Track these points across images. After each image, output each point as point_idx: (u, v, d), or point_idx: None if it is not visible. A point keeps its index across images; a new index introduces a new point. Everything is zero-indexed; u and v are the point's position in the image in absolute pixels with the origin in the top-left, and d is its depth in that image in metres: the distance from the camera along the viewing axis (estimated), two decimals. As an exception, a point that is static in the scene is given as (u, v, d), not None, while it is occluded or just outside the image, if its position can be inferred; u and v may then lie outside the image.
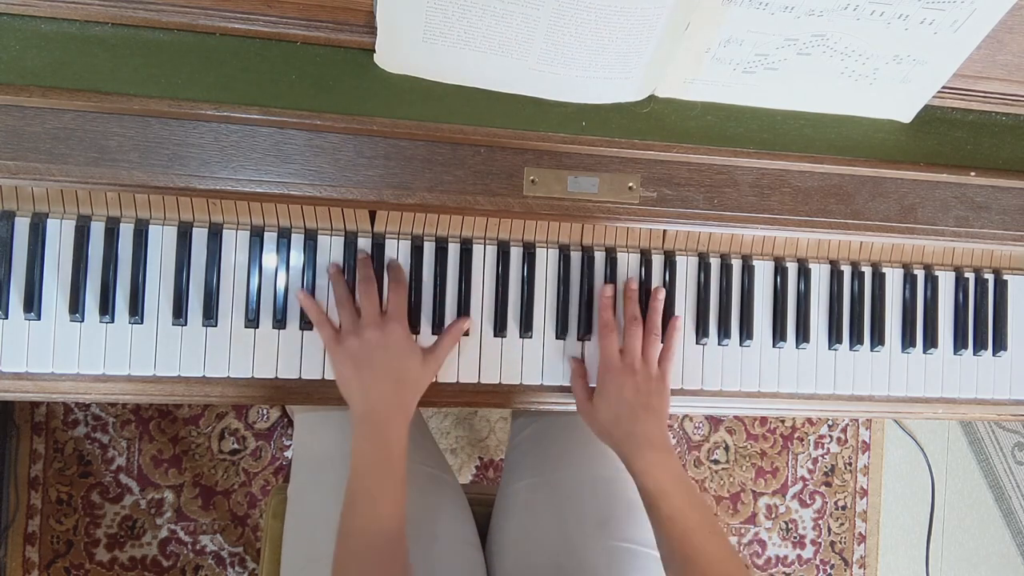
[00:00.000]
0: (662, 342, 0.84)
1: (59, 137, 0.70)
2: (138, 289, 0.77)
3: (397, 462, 0.72)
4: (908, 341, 0.93)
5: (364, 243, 0.82)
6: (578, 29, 0.68)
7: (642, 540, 0.85)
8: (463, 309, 0.83)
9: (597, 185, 0.79)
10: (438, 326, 0.83)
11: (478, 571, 0.86)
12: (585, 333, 0.86)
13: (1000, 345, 0.95)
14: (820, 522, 1.77)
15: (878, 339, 0.92)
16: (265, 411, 1.55)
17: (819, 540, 1.77)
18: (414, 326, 0.82)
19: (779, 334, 0.90)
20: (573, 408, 0.87)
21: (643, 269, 0.87)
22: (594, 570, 0.82)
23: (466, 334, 0.83)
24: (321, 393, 0.81)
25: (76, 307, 0.76)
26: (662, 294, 0.85)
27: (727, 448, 1.73)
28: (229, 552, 1.54)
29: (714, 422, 1.72)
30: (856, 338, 0.91)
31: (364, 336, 0.75)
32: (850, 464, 1.77)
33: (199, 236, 0.78)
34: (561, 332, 0.86)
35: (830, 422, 1.76)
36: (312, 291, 0.80)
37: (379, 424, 0.73)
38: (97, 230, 0.77)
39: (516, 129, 0.76)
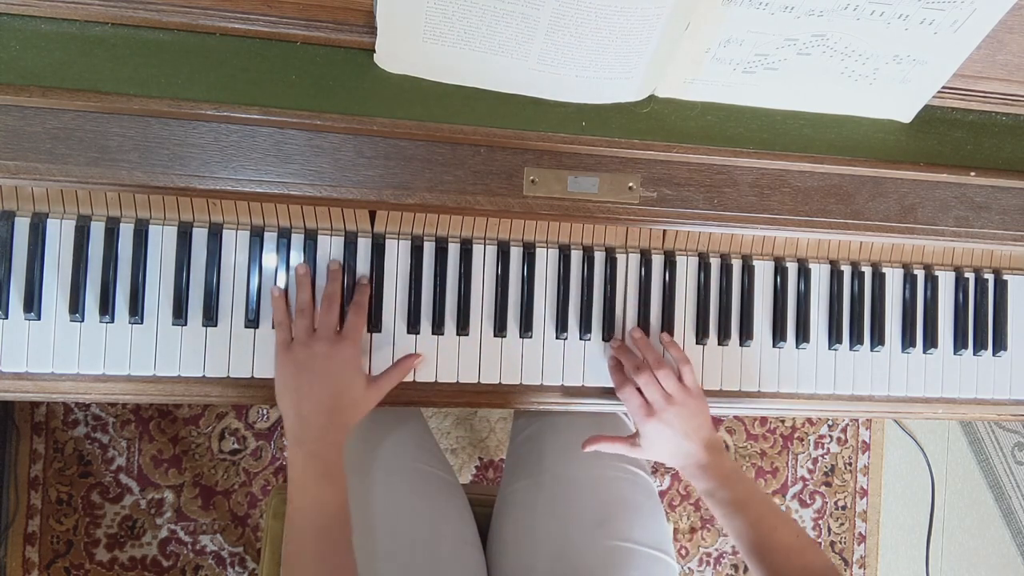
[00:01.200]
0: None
1: (59, 137, 0.70)
2: (138, 289, 0.77)
3: (337, 481, 0.72)
4: (908, 341, 0.93)
5: (364, 243, 0.82)
6: (578, 29, 0.68)
7: (642, 539, 0.85)
8: (463, 309, 0.83)
9: (597, 185, 0.79)
10: (438, 326, 0.83)
11: (479, 571, 0.86)
12: (585, 333, 0.86)
13: (1000, 345, 0.95)
14: (820, 522, 1.77)
15: (878, 339, 0.92)
16: (265, 411, 1.55)
17: (819, 540, 1.77)
18: (414, 326, 0.82)
19: (779, 334, 0.90)
20: (573, 408, 0.87)
21: (643, 269, 0.87)
22: (594, 569, 0.82)
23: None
24: (321, 393, 0.81)
25: (76, 307, 0.76)
26: (669, 338, 0.87)
27: (727, 448, 1.73)
28: (229, 552, 1.54)
29: (714, 422, 1.72)
30: (856, 338, 0.91)
31: (314, 348, 0.75)
32: (850, 464, 1.77)
33: (199, 236, 0.78)
34: (561, 332, 0.86)
35: (830, 422, 1.76)
36: (312, 292, 0.80)
37: (309, 442, 0.72)
38: (97, 230, 0.77)
39: (516, 129, 0.76)
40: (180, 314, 0.77)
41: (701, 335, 0.88)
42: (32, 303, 0.75)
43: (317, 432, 0.73)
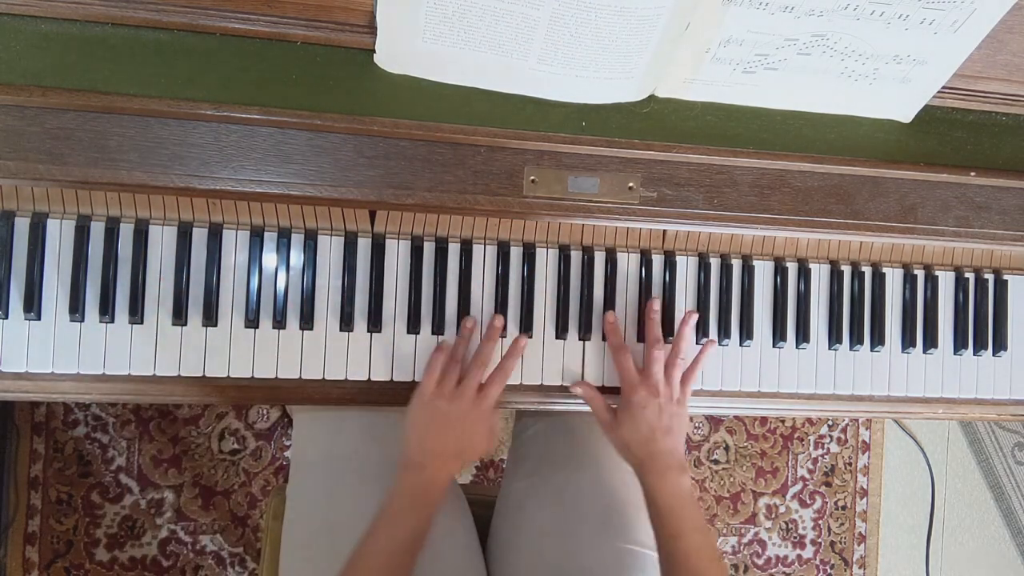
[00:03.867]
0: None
1: (59, 137, 0.70)
2: (138, 289, 0.77)
3: (430, 514, 0.76)
4: (908, 341, 0.93)
5: (364, 243, 0.82)
6: (578, 29, 0.68)
7: (645, 542, 0.85)
8: (463, 309, 0.83)
9: (597, 185, 0.79)
10: (438, 327, 0.83)
11: (477, 573, 0.86)
12: (585, 333, 0.86)
13: (1000, 345, 0.95)
14: (820, 522, 1.77)
15: (878, 339, 0.92)
16: (265, 411, 1.55)
17: (819, 540, 1.77)
18: (414, 326, 0.82)
19: (779, 334, 0.90)
20: (573, 408, 0.87)
21: (643, 269, 0.87)
22: (598, 572, 0.82)
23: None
24: (321, 393, 0.81)
25: (76, 307, 0.76)
26: (694, 319, 0.86)
27: (727, 448, 1.73)
28: (229, 552, 1.54)
29: (714, 422, 1.72)
30: (856, 338, 0.91)
31: (455, 405, 0.78)
32: (850, 464, 1.77)
33: (199, 236, 0.78)
34: (561, 332, 0.86)
35: (830, 422, 1.76)
36: (312, 291, 0.80)
37: (427, 471, 0.76)
38: (97, 230, 0.77)
39: (516, 129, 0.76)
40: (180, 314, 0.77)
41: (701, 335, 0.88)
42: (32, 303, 0.75)
43: (433, 471, 0.77)
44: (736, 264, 0.89)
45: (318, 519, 0.83)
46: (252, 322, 0.79)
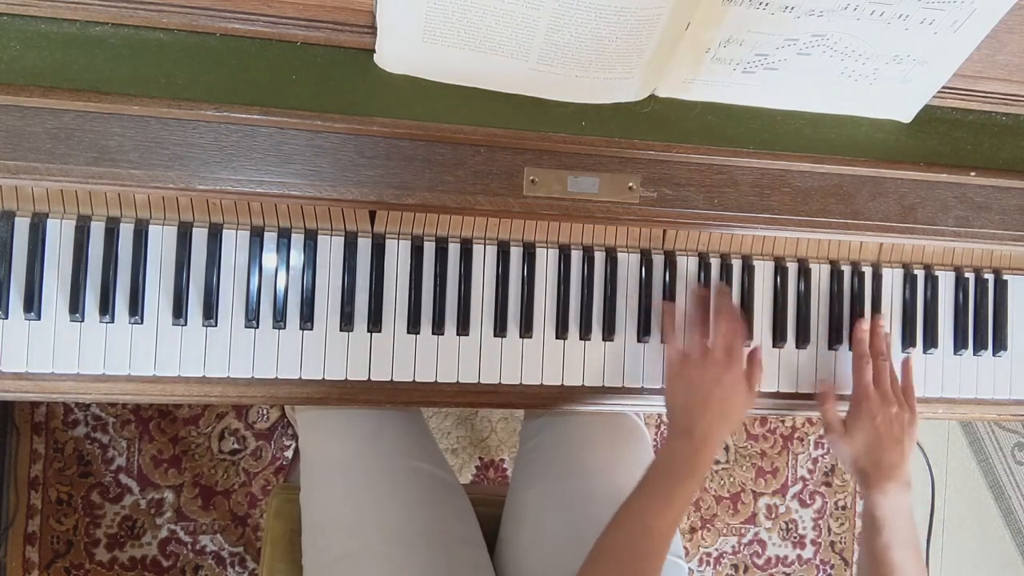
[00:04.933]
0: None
1: (59, 137, 0.70)
2: (138, 289, 0.77)
3: (702, 471, 0.76)
4: (908, 341, 0.93)
5: (364, 243, 0.82)
6: (578, 29, 0.68)
7: None
8: (463, 309, 0.83)
9: (597, 185, 0.79)
10: (438, 326, 0.83)
11: (482, 570, 0.86)
12: (585, 333, 0.86)
13: (1000, 345, 0.95)
14: (820, 522, 1.77)
15: (878, 339, 0.92)
16: (265, 411, 1.55)
17: (819, 540, 1.77)
18: (414, 326, 0.82)
19: (779, 334, 0.90)
20: (574, 408, 0.87)
21: (643, 269, 0.87)
22: None
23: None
24: (321, 393, 0.81)
25: (76, 307, 0.76)
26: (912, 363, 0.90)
27: (727, 448, 1.73)
28: (229, 552, 1.54)
29: (714, 422, 1.72)
30: (856, 338, 0.91)
31: (708, 370, 0.80)
32: (850, 464, 1.77)
33: (199, 236, 0.78)
34: (561, 332, 0.86)
35: (830, 422, 1.76)
36: (312, 291, 0.80)
37: (697, 435, 0.77)
38: (97, 230, 0.77)
39: (516, 129, 0.76)
40: (180, 314, 0.77)
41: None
42: (32, 303, 0.75)
43: (700, 435, 0.77)
44: (736, 264, 0.89)
45: (334, 518, 0.83)
46: (252, 322, 0.79)
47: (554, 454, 0.94)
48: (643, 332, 0.87)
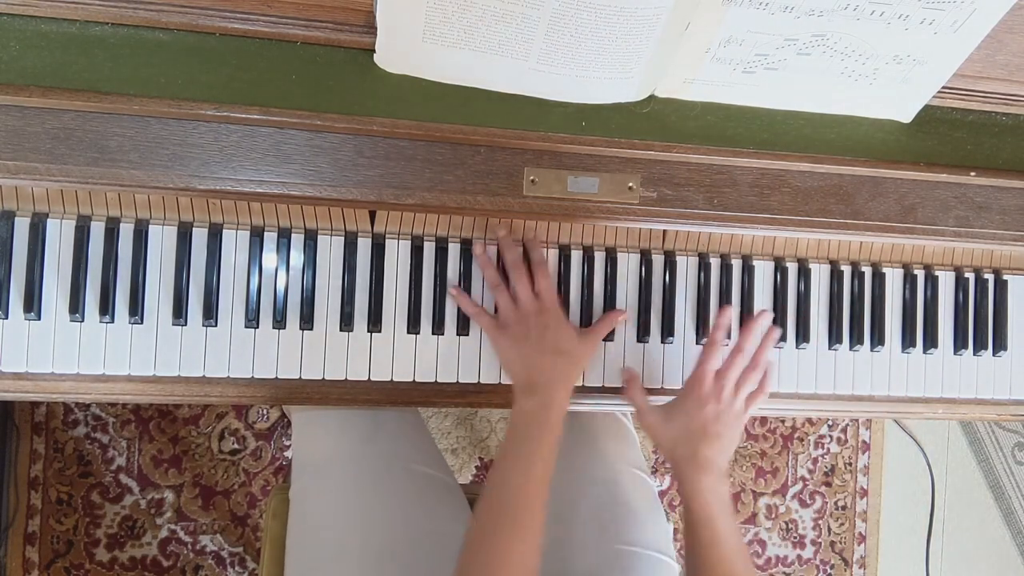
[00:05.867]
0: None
1: (59, 137, 0.70)
2: (138, 289, 0.77)
3: (555, 425, 0.75)
4: (908, 341, 0.93)
5: (364, 243, 0.82)
6: (578, 29, 0.68)
7: (644, 542, 0.84)
8: (463, 309, 0.83)
9: (597, 185, 0.79)
10: (438, 326, 0.83)
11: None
12: (585, 333, 0.86)
13: (1000, 345, 0.95)
14: (820, 522, 1.77)
15: (878, 339, 0.92)
16: (265, 411, 1.55)
17: (819, 540, 1.77)
18: (414, 326, 0.82)
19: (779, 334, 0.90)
20: (572, 407, 0.86)
21: (643, 269, 0.87)
22: (596, 574, 0.82)
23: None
24: (321, 393, 0.81)
25: (76, 307, 0.76)
26: (777, 333, 0.85)
27: (727, 448, 1.73)
28: (229, 552, 1.54)
29: (714, 422, 1.72)
30: (856, 338, 0.91)
31: (526, 321, 0.79)
32: (850, 464, 1.77)
33: (199, 236, 0.78)
34: (561, 332, 0.85)
35: (830, 422, 1.76)
36: (312, 291, 0.80)
37: (540, 388, 0.76)
38: (97, 230, 0.77)
39: (516, 129, 0.76)
40: (180, 314, 0.77)
41: (701, 335, 0.88)
42: (32, 303, 0.75)
43: (544, 388, 0.77)
44: (736, 264, 0.89)
45: (322, 520, 0.83)
46: (252, 322, 0.79)
47: None
48: (643, 332, 0.87)
